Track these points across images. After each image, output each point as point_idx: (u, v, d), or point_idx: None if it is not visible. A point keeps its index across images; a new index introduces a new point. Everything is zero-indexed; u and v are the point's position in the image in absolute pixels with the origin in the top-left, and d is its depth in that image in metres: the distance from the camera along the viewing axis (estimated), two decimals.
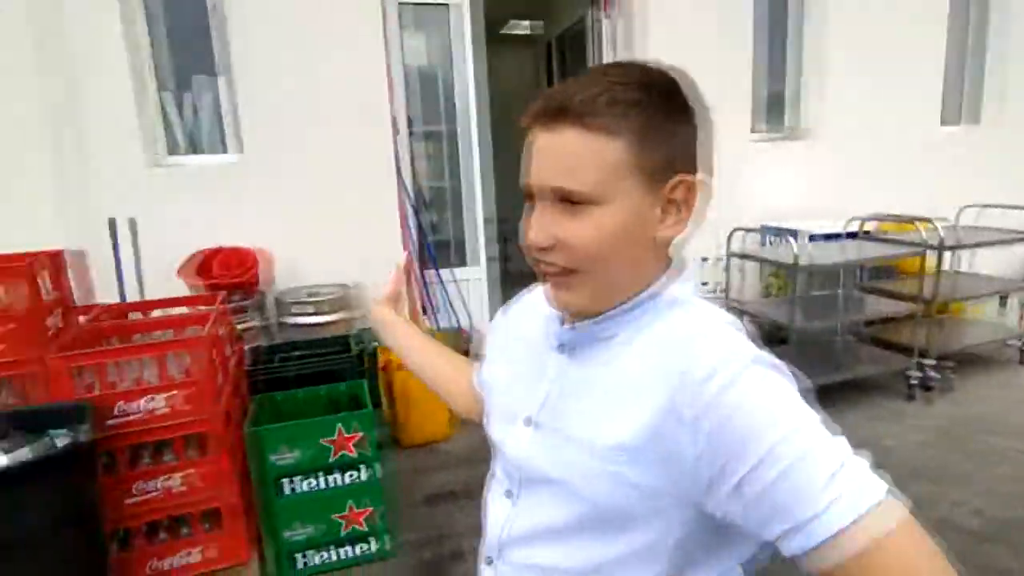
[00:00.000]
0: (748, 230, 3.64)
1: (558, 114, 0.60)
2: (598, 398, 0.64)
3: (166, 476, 1.95)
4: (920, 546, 0.51)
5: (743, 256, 3.61)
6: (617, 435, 0.60)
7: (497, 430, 0.76)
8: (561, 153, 0.60)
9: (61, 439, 1.63)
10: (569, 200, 0.61)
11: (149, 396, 1.86)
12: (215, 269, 2.77)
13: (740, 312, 3.64)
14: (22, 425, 1.70)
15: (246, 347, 2.60)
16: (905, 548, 0.50)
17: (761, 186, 4.08)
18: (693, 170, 0.63)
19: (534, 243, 0.63)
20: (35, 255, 1.94)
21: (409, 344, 0.99)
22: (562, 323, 0.71)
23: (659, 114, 0.61)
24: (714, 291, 3.89)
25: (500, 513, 0.73)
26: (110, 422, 1.86)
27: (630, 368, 0.62)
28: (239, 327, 2.63)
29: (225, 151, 3.40)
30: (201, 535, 2.08)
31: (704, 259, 3.94)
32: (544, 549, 0.67)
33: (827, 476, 0.51)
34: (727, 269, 3.66)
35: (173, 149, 3.32)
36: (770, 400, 0.55)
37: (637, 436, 0.59)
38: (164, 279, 2.89)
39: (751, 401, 0.55)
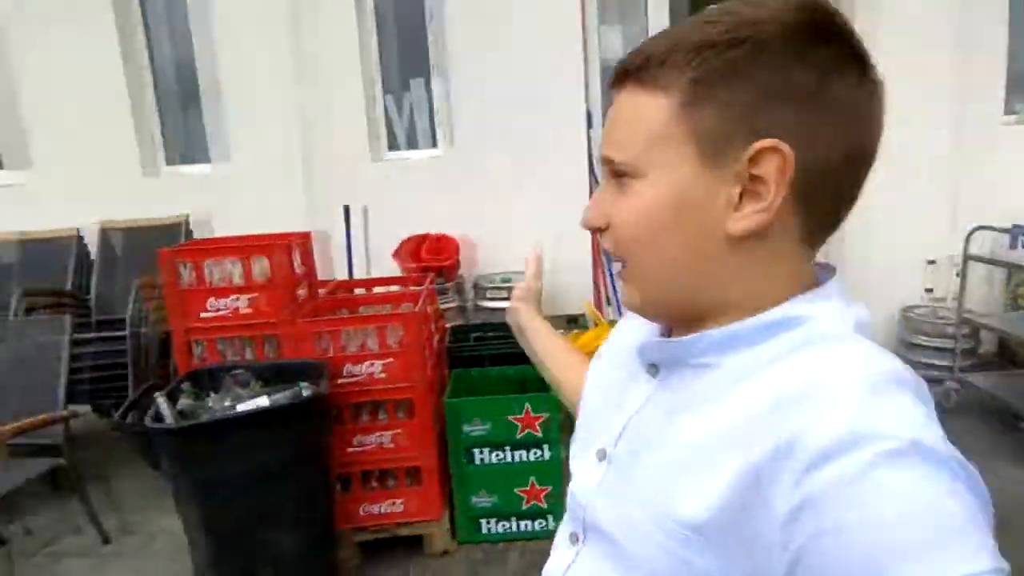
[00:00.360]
0: (994, 229, 3.09)
1: (622, 74, 0.49)
2: (680, 449, 0.47)
3: (379, 433, 2.23)
4: None
5: (986, 260, 3.08)
6: (693, 508, 0.44)
7: (572, 454, 0.62)
8: (614, 118, 0.50)
9: (306, 390, 1.94)
10: (617, 173, 0.50)
11: (370, 361, 2.13)
12: (423, 254, 3.08)
13: (976, 327, 3.12)
14: (277, 375, 2.06)
15: (447, 325, 2.85)
16: None
17: (1015, 177, 3.43)
18: (789, 133, 0.43)
19: (586, 221, 0.53)
20: (292, 236, 2.32)
21: (544, 359, 0.85)
22: (660, 333, 0.57)
23: (739, 58, 0.44)
24: (944, 300, 3.37)
25: (561, 561, 0.58)
26: (339, 380, 2.17)
27: (727, 417, 0.45)
28: (441, 307, 2.89)
29: (435, 146, 3.74)
30: (403, 489, 2.33)
31: (931, 261, 3.44)
32: None
33: None
34: (962, 275, 3.15)
35: (392, 145, 3.74)
36: (918, 522, 0.35)
37: (717, 514, 0.42)
38: (382, 260, 3.28)
39: (883, 516, 0.36)
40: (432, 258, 3.04)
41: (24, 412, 2.23)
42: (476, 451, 2.35)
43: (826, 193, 0.46)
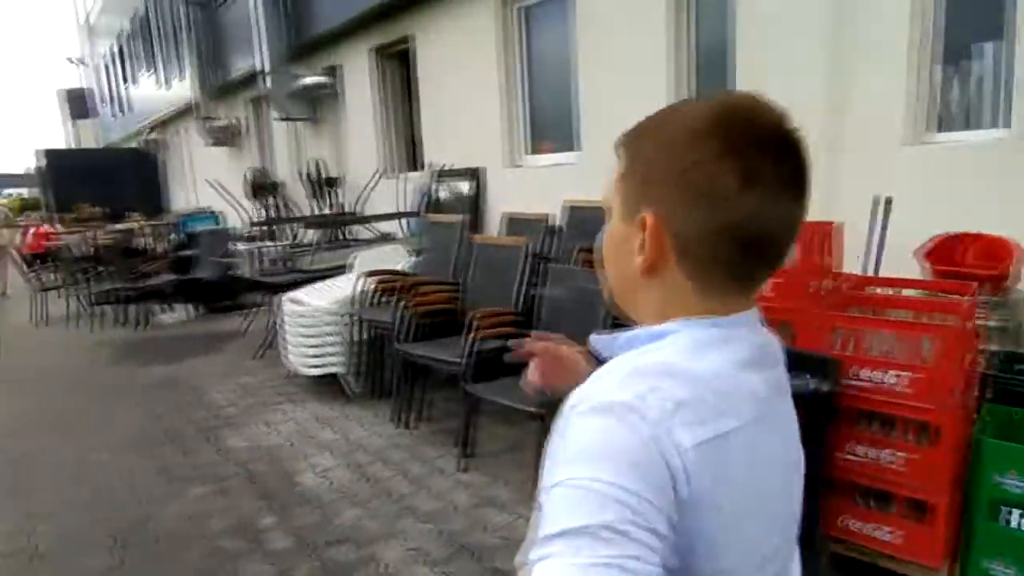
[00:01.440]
0: None
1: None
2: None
3: (886, 450, 2.03)
4: None
5: None
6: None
7: None
8: (620, 167, 0.65)
9: (813, 383, 1.92)
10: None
11: (895, 372, 1.94)
12: (969, 258, 2.58)
13: None
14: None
15: (985, 347, 2.35)
16: None
17: None
18: (659, 205, 0.59)
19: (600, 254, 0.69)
20: (816, 225, 2.27)
21: None
22: None
23: (647, 146, 0.61)
24: None
25: None
26: (845, 381, 2.06)
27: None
28: (981, 324, 2.39)
29: (996, 126, 3.04)
30: (897, 519, 2.08)
31: None
32: None
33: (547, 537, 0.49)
34: None
35: (938, 125, 3.21)
36: (579, 443, 0.53)
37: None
38: (897, 258, 2.90)
39: (569, 437, 0.54)
40: (980, 264, 2.52)
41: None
42: (1004, 509, 1.91)
43: (702, 254, 0.59)
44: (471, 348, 3.04)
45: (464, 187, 6.39)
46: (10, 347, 6.26)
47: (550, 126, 5.95)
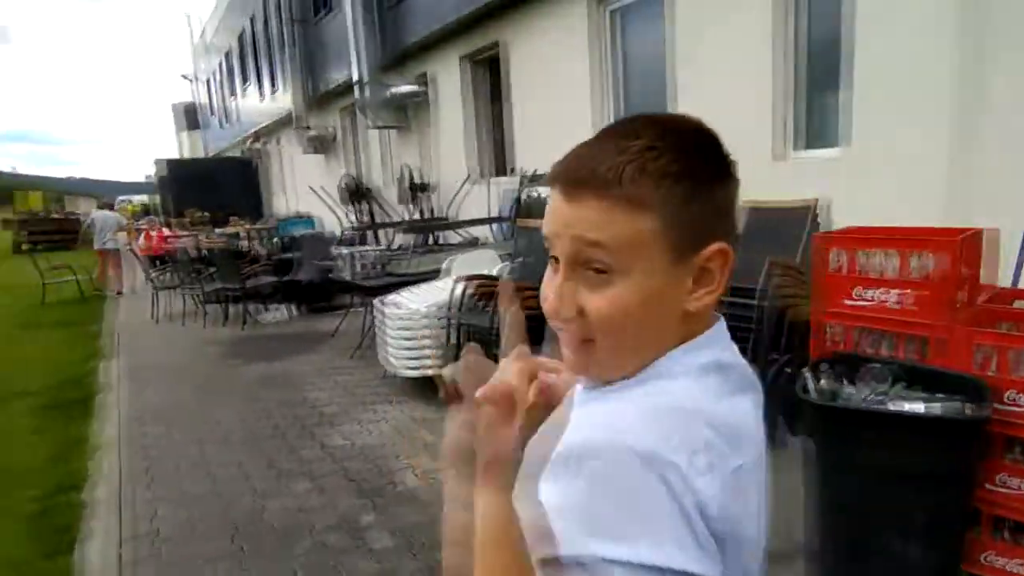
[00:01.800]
0: None
1: (580, 185, 0.55)
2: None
3: None
4: None
5: None
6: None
7: None
8: (586, 223, 0.55)
9: (969, 408, 1.74)
10: (596, 269, 0.55)
11: None
12: None
13: None
14: (920, 379, 1.92)
15: None
16: None
17: None
18: (728, 235, 0.58)
19: (550, 309, 0.58)
20: (962, 232, 2.08)
21: None
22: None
23: (694, 181, 0.55)
24: None
25: None
26: (997, 405, 1.86)
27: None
28: None
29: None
30: None
31: None
32: None
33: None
34: None
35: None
36: (627, 502, 0.49)
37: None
38: None
39: (611, 489, 0.50)
40: None
41: None
42: None
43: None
44: None
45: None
46: (135, 342, 6.83)
47: None
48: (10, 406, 4.88)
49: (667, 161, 0.54)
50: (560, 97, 6.23)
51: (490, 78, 8.02)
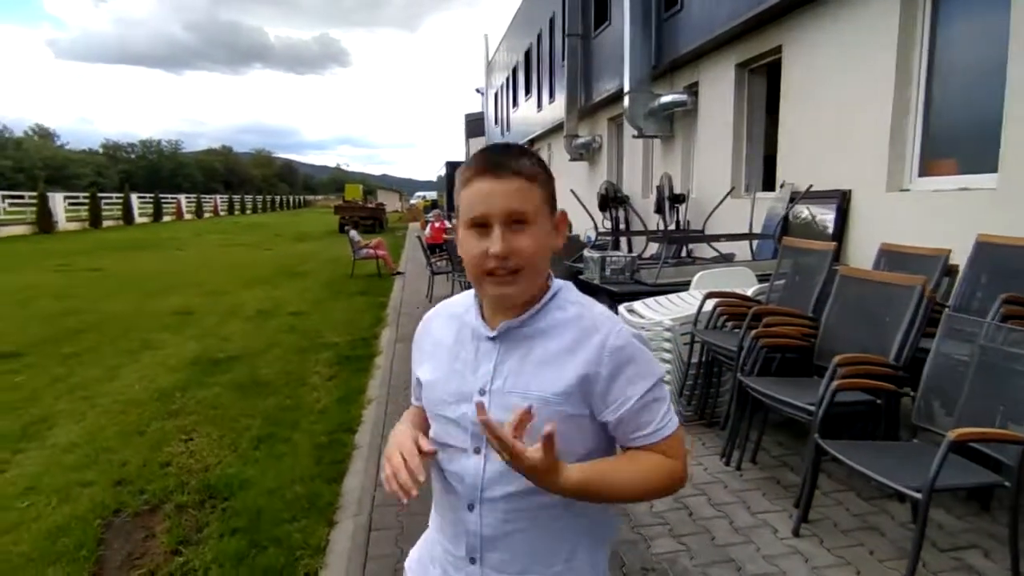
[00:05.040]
0: None
1: (503, 169, 0.92)
2: (537, 365, 0.96)
3: None
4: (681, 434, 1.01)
5: None
6: (559, 386, 0.94)
7: (451, 410, 1.01)
8: (512, 192, 0.92)
9: None
10: (519, 221, 0.92)
11: None
12: None
13: None
14: None
15: None
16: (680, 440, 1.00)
17: None
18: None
19: (499, 253, 0.91)
20: None
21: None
22: (484, 323, 1.01)
23: (545, 173, 0.97)
24: None
25: (471, 466, 0.98)
26: None
27: (553, 343, 0.97)
28: None
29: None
30: None
31: None
32: (516, 479, 0.91)
33: (666, 410, 0.98)
34: None
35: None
36: (644, 356, 0.97)
37: (571, 384, 0.94)
38: None
39: (635, 356, 0.96)
40: None
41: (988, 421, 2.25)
42: None
43: None
44: (829, 397, 2.60)
45: (826, 211, 5.64)
46: (410, 316, 7.91)
47: (953, 142, 4.83)
48: (318, 354, 6.03)
49: (536, 161, 0.96)
50: (846, 108, 5.48)
51: (763, 88, 7.44)
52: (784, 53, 6.50)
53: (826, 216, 5.64)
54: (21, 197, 25.72)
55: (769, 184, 7.21)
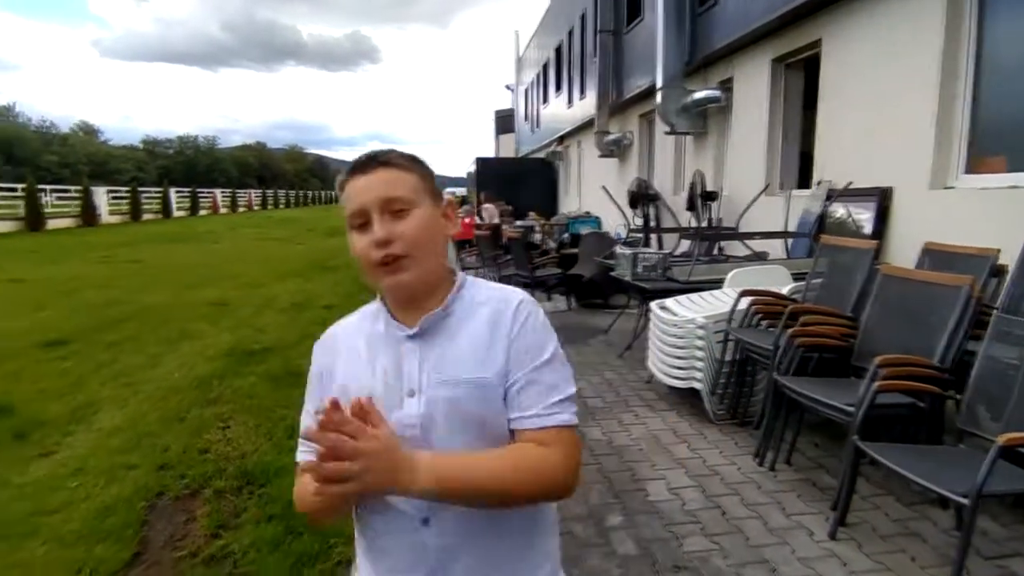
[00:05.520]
0: None
1: (370, 163, 0.96)
2: (465, 351, 0.94)
3: None
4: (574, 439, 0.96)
5: None
6: (491, 368, 0.93)
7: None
8: (385, 181, 0.94)
9: None
10: (396, 208, 0.93)
11: None
12: None
13: None
14: None
15: None
16: (572, 440, 0.95)
17: None
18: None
19: (381, 238, 0.91)
20: None
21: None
22: (398, 324, 0.99)
23: (421, 165, 0.99)
24: None
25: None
26: None
27: (475, 327, 0.96)
28: None
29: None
30: None
31: None
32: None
33: (560, 399, 0.95)
34: None
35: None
36: (544, 326, 0.98)
37: (499, 363, 0.93)
38: None
39: (537, 326, 0.97)
40: None
41: None
42: None
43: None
44: (870, 398, 2.55)
45: (863, 210, 5.51)
46: None
47: (1002, 139, 4.66)
48: None
49: (413, 156, 1.00)
50: (888, 103, 5.33)
51: (800, 83, 7.29)
52: (823, 47, 6.35)
53: (862, 214, 5.50)
54: (67, 191, 26.59)
55: (804, 182, 7.06)
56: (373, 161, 0.95)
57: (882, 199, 5.34)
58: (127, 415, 4.21)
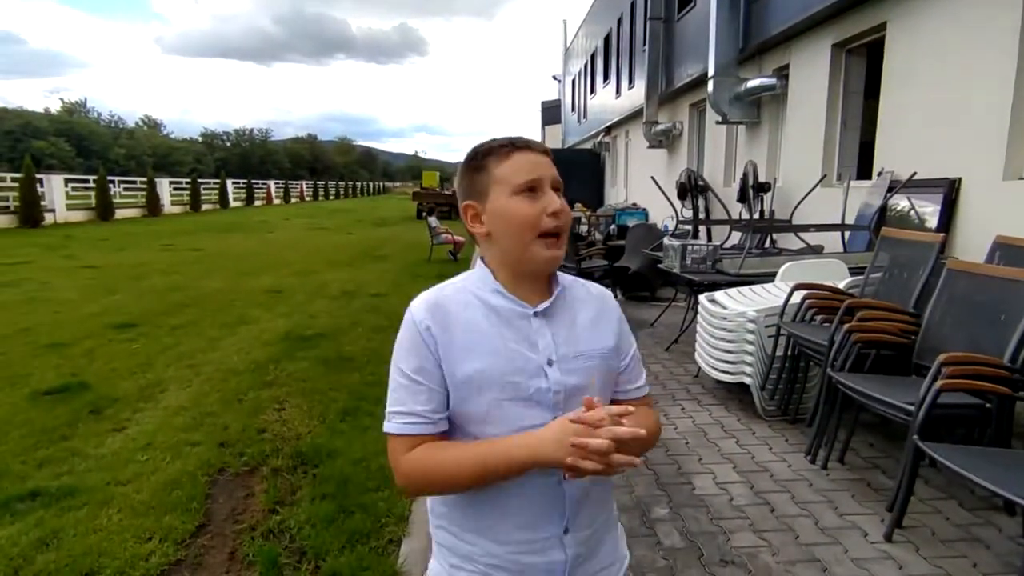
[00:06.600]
0: None
1: (537, 146, 1.04)
2: (587, 328, 1.06)
3: None
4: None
5: None
6: (608, 342, 1.08)
7: (521, 390, 0.98)
8: (551, 164, 1.03)
9: None
10: (557, 189, 1.03)
11: None
12: None
13: None
14: None
15: None
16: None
17: None
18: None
19: (560, 208, 1.00)
20: None
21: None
22: (517, 301, 1.04)
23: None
24: None
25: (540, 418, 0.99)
26: None
27: (585, 310, 1.08)
28: None
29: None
30: None
31: None
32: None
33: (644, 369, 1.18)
34: None
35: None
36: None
37: (612, 343, 1.09)
38: None
39: (623, 317, 1.15)
40: None
41: None
42: None
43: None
44: (932, 397, 2.45)
45: (927, 201, 5.26)
46: None
47: None
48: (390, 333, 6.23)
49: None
50: (959, 88, 5.05)
51: (862, 69, 6.98)
52: (888, 31, 6.06)
53: (927, 207, 5.25)
54: (133, 183, 27.90)
55: (863, 173, 6.79)
56: (539, 146, 1.05)
57: (949, 190, 5.09)
58: (190, 395, 4.43)
